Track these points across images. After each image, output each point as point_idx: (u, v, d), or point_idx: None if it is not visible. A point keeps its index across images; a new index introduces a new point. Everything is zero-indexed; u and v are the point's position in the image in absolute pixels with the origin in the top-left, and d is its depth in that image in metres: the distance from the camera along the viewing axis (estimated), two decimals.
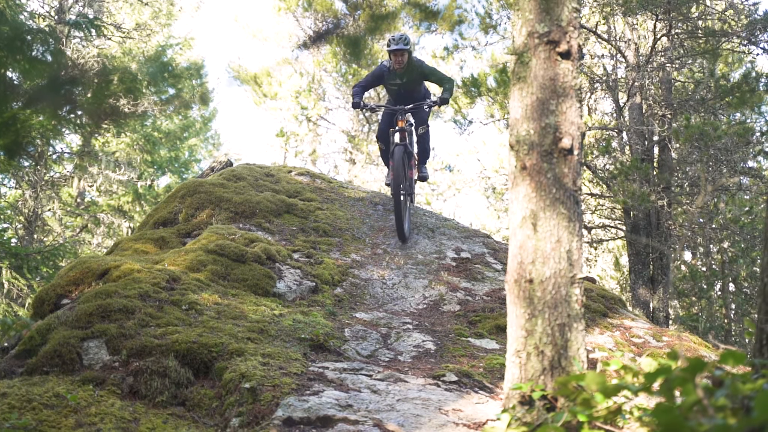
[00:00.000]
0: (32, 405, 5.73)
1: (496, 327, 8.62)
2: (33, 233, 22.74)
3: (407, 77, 11.69)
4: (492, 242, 12.70)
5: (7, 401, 5.75)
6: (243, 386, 6.12)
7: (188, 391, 6.32)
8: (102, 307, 7.19)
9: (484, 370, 7.19)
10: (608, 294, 10.55)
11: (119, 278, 8.07)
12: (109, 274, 8.25)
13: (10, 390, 5.94)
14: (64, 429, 5.54)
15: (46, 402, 5.81)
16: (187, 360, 6.59)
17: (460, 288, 10.14)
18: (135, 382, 6.28)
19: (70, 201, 26.08)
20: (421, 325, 8.74)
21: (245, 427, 5.72)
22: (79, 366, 6.53)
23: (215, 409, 6.13)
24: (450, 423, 5.65)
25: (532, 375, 4.04)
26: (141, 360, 6.50)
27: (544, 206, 4.27)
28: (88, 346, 6.72)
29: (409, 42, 11.41)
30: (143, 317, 7.18)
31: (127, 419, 5.78)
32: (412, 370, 7.10)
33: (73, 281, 8.37)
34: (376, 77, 11.85)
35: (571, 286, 4.16)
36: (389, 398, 6.10)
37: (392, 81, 11.81)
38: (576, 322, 4.13)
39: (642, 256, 16.50)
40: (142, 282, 7.89)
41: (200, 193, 11.89)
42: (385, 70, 11.76)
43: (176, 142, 30.52)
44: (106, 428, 5.59)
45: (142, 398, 6.16)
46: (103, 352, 6.68)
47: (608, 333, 8.52)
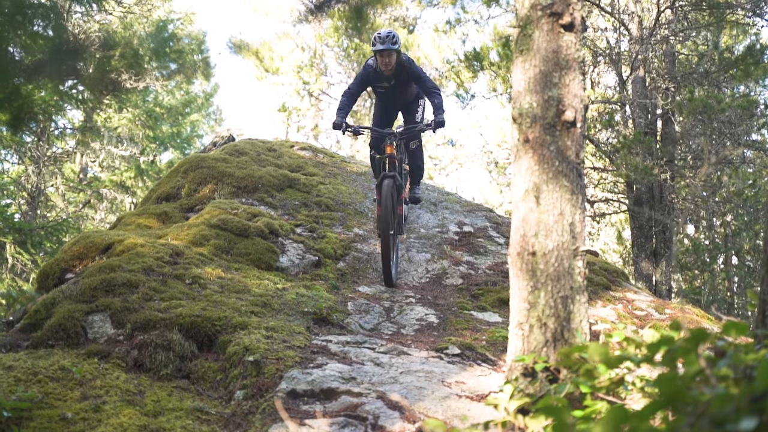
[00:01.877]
0: (38, 378, 5.77)
1: (499, 300, 8.65)
2: (36, 209, 22.76)
3: (396, 79, 10.15)
4: (494, 216, 12.71)
5: (13, 374, 5.78)
6: (247, 359, 6.15)
7: (192, 364, 6.35)
8: (106, 281, 7.21)
9: (487, 343, 7.21)
10: (611, 267, 10.57)
11: (123, 253, 8.09)
12: (113, 249, 8.27)
13: (16, 363, 5.97)
14: (70, 401, 5.58)
15: (52, 375, 5.84)
16: (191, 333, 6.62)
17: (462, 262, 10.15)
18: (139, 356, 6.31)
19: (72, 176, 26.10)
20: (424, 298, 8.76)
21: (249, 400, 5.75)
22: (83, 339, 6.56)
23: (219, 382, 6.16)
24: (453, 395, 5.68)
25: (535, 347, 4.05)
26: (145, 333, 6.53)
27: (546, 179, 4.26)
28: (93, 320, 6.75)
29: (397, 41, 9.78)
30: (147, 291, 7.20)
31: (132, 392, 5.82)
32: (415, 343, 7.12)
33: (77, 256, 8.39)
34: (362, 81, 10.17)
35: (574, 258, 4.17)
36: (392, 371, 6.12)
37: (379, 84, 10.25)
38: (579, 294, 4.14)
39: (645, 230, 16.50)
40: (146, 256, 7.90)
41: (203, 168, 11.88)
42: (371, 71, 10.13)
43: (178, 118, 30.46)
44: (111, 401, 5.62)
45: (146, 371, 6.19)
46: (108, 325, 6.70)
47: (611, 306, 8.54)
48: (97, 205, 25.44)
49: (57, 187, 24.82)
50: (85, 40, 4.49)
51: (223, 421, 5.58)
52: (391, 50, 9.66)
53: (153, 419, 5.48)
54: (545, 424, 2.87)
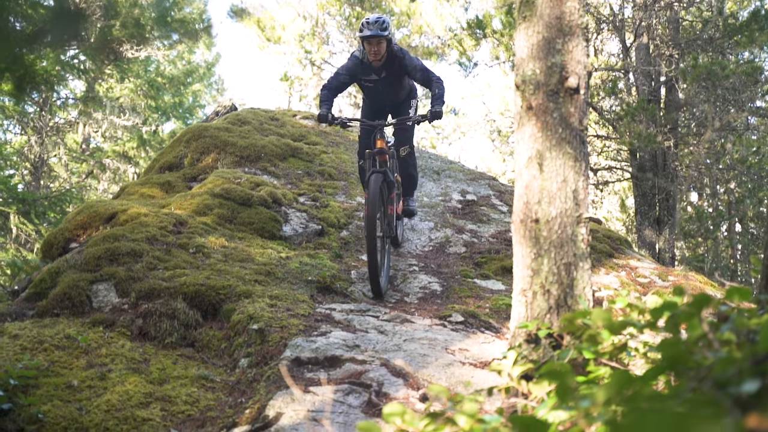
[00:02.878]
0: (44, 346, 5.80)
1: (502, 268, 8.66)
2: (39, 179, 22.77)
3: (386, 72, 8.76)
4: (497, 184, 12.70)
5: (19, 342, 5.81)
6: (251, 327, 6.17)
7: (197, 333, 6.38)
8: (110, 250, 7.22)
9: (490, 310, 7.23)
10: (614, 235, 10.57)
11: (126, 222, 8.10)
12: (117, 218, 8.28)
13: (22, 332, 6.00)
14: (76, 370, 5.61)
15: (58, 343, 5.87)
16: (196, 302, 6.65)
17: (465, 230, 10.16)
18: (144, 324, 6.34)
19: (75, 147, 26.08)
20: (427, 266, 8.78)
21: (254, 368, 5.78)
22: (88, 308, 6.59)
23: (224, 350, 6.19)
24: (456, 362, 5.70)
25: (538, 314, 4.06)
26: (150, 302, 6.55)
27: (550, 146, 4.25)
28: (98, 289, 6.77)
29: (388, 27, 8.44)
30: (151, 260, 7.22)
31: (138, 360, 5.85)
32: (418, 311, 7.14)
33: (80, 225, 8.40)
34: (347, 73, 8.70)
35: (577, 225, 4.17)
36: (396, 338, 6.15)
37: (367, 77, 8.86)
38: (582, 261, 4.14)
39: (648, 198, 16.49)
40: (150, 226, 7.92)
41: (205, 137, 11.87)
42: (358, 62, 8.73)
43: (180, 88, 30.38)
44: (116, 369, 5.66)
45: (151, 340, 6.23)
46: (112, 294, 6.73)
47: (614, 273, 8.55)
48: (100, 175, 25.45)
49: (60, 158, 24.81)
50: (87, 9, 4.47)
51: (227, 388, 5.62)
52: (381, 37, 8.36)
53: (158, 387, 5.52)
54: (548, 389, 2.88)
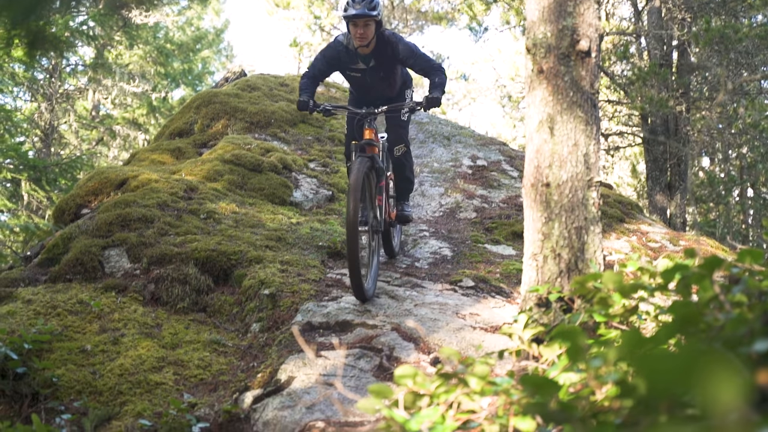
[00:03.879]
0: (57, 311, 5.84)
1: (513, 233, 8.66)
2: (50, 146, 22.80)
3: (376, 61, 7.18)
4: (508, 150, 12.66)
5: (32, 307, 5.86)
6: (262, 293, 6.20)
7: (208, 298, 6.41)
8: (121, 216, 7.25)
9: (501, 275, 7.24)
10: (625, 200, 10.55)
11: (137, 188, 8.12)
12: (128, 184, 8.30)
13: (35, 297, 6.04)
14: (89, 334, 5.66)
15: (71, 308, 5.91)
16: (207, 267, 6.67)
17: (476, 195, 10.15)
18: (156, 289, 6.38)
19: (85, 114, 26.08)
20: (438, 232, 8.78)
21: (265, 332, 5.82)
22: (101, 274, 6.62)
23: (236, 315, 6.23)
24: (467, 327, 5.72)
25: (549, 278, 4.07)
26: (161, 268, 6.58)
27: (561, 110, 4.23)
28: (109, 255, 6.80)
29: (377, 5, 6.98)
30: (162, 226, 7.24)
31: (150, 325, 5.89)
32: (429, 276, 7.16)
33: (92, 191, 8.43)
34: (330, 61, 7.22)
35: (588, 189, 4.16)
36: (407, 303, 6.17)
37: (353, 66, 7.29)
38: (593, 225, 4.14)
39: (659, 163, 16.43)
40: (160, 192, 7.94)
41: (215, 103, 11.85)
42: (342, 49, 7.20)
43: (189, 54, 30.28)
44: (129, 333, 5.70)
45: (163, 305, 6.26)
46: (124, 260, 6.76)
47: (625, 238, 8.54)
48: (110, 142, 25.47)
49: (70, 125, 24.82)
50: None
51: (240, 353, 5.65)
52: (368, 17, 6.88)
53: (171, 351, 5.56)
54: (559, 352, 2.89)
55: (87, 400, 5.00)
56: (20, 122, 19.00)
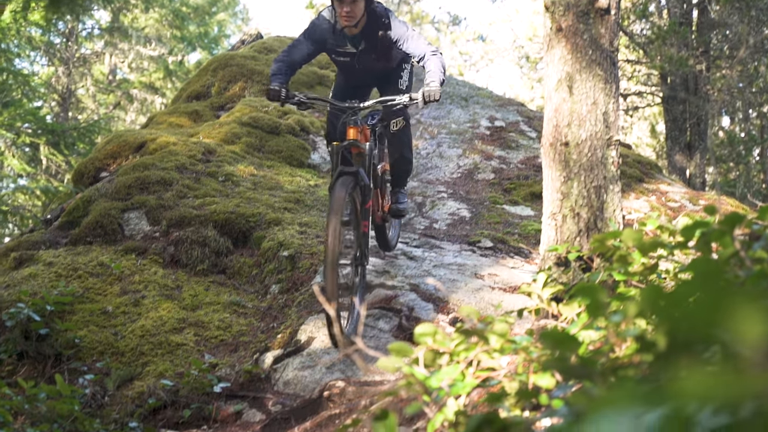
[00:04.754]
0: (78, 273, 5.89)
1: (531, 194, 8.63)
2: (67, 110, 22.86)
3: (366, 43, 5.89)
4: (526, 110, 12.58)
5: (53, 270, 5.91)
6: (281, 254, 6.22)
7: (228, 260, 6.45)
8: (140, 179, 7.28)
9: (519, 236, 7.24)
10: (644, 159, 10.49)
11: (156, 151, 8.14)
12: (146, 147, 8.33)
13: (56, 259, 6.10)
14: (110, 296, 5.71)
15: (91, 271, 5.96)
16: (226, 230, 6.70)
17: (494, 156, 10.11)
18: (176, 252, 6.41)
19: (102, 78, 26.09)
20: (456, 193, 8.77)
21: (285, 294, 5.85)
22: (120, 236, 6.66)
23: (255, 277, 6.26)
24: (486, 287, 5.74)
25: (568, 237, 4.06)
26: (181, 230, 6.61)
27: (579, 68, 4.20)
28: (129, 217, 6.84)
29: None
30: (181, 189, 7.26)
31: (170, 287, 5.93)
32: (447, 237, 7.17)
33: (110, 154, 8.46)
34: (311, 43, 5.90)
35: (608, 148, 4.14)
36: (425, 264, 6.18)
37: (340, 49, 6.00)
38: (612, 184, 4.13)
39: (679, 123, 16.29)
40: (179, 154, 7.95)
41: (232, 66, 11.82)
42: (327, 28, 5.88)
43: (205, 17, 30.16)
44: (150, 295, 5.75)
45: (183, 267, 6.30)
46: (144, 222, 6.80)
47: (644, 198, 8.51)
48: (127, 106, 25.51)
49: (87, 89, 24.86)
50: None
51: (259, 314, 5.69)
52: None
53: (191, 313, 5.61)
54: (578, 310, 2.89)
55: (109, 361, 5.06)
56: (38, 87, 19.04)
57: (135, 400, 4.73)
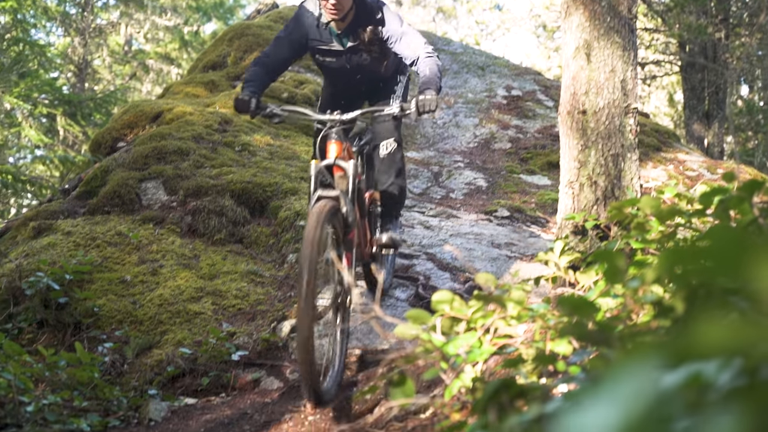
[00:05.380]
0: (96, 243, 5.93)
1: (548, 163, 8.61)
2: (84, 81, 22.89)
3: (355, 38, 5.01)
4: (543, 79, 12.52)
5: (72, 239, 5.95)
6: (298, 224, 6.24)
7: (245, 230, 6.46)
8: (157, 149, 7.29)
9: (536, 205, 7.23)
10: (662, 128, 10.43)
11: (172, 121, 8.15)
12: (162, 117, 8.34)
13: (74, 229, 6.13)
14: (128, 265, 5.74)
15: (110, 240, 5.99)
16: (243, 199, 6.71)
17: (511, 126, 10.08)
18: (193, 221, 6.43)
19: (117, 49, 26.10)
20: (473, 163, 8.76)
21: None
22: (138, 206, 6.69)
23: (272, 246, 6.28)
24: (502, 256, 5.74)
25: (585, 205, 4.05)
26: (198, 200, 6.63)
27: (597, 35, 4.17)
28: (146, 187, 6.86)
29: None
30: (198, 158, 7.28)
31: (188, 256, 5.96)
32: (463, 207, 7.16)
33: (127, 124, 8.48)
34: (295, 43, 5.07)
35: (625, 116, 4.11)
36: (442, 233, 6.19)
37: (325, 47, 5.09)
38: (630, 152, 4.10)
39: (697, 91, 16.16)
40: (195, 124, 7.96)
41: (248, 35, 11.79)
42: (311, 22, 5.02)
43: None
44: (167, 264, 5.78)
45: (200, 236, 6.33)
46: (161, 192, 6.82)
47: (661, 167, 8.47)
48: (143, 76, 25.51)
49: (103, 59, 24.89)
50: None
51: (276, 283, 5.71)
52: None
53: (209, 282, 5.63)
54: (596, 278, 2.89)
55: (128, 329, 5.11)
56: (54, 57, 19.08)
57: (154, 368, 4.77)
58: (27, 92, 15.06)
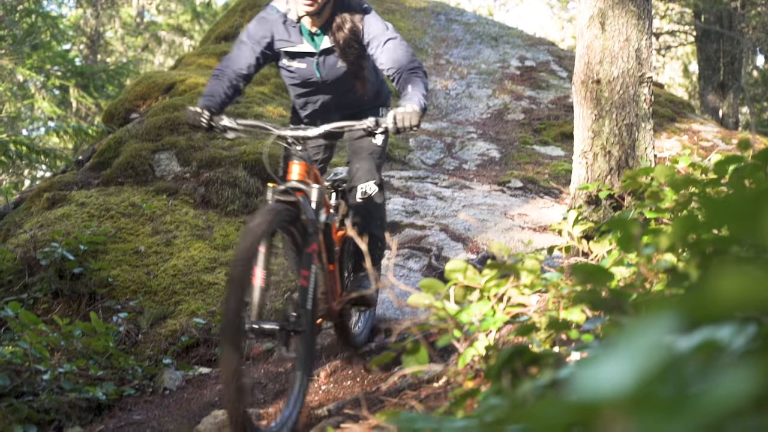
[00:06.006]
0: (110, 214, 5.95)
1: (561, 134, 8.57)
2: (96, 53, 22.88)
3: (330, 36, 4.19)
4: (557, 50, 12.44)
5: (86, 210, 5.97)
6: None
7: (258, 200, 6.47)
8: (170, 120, 7.29)
9: (549, 176, 7.20)
10: (676, 99, 10.37)
11: (185, 92, 8.15)
12: (175, 88, 8.34)
13: (88, 200, 6.15)
14: (142, 236, 5.76)
15: (123, 211, 6.02)
16: (256, 171, 6.71)
17: (524, 96, 10.03)
18: (206, 192, 6.45)
19: (130, 21, 26.06)
20: (486, 134, 8.73)
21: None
22: (151, 177, 6.71)
23: None
24: (515, 227, 5.73)
25: (599, 175, 4.04)
26: (211, 171, 6.64)
27: (612, 4, 4.14)
28: (159, 158, 6.87)
29: None
30: None
31: (201, 227, 5.98)
32: (476, 178, 7.15)
33: (140, 96, 8.48)
34: (257, 43, 4.17)
35: (640, 85, 4.09)
36: (455, 204, 6.18)
37: (293, 48, 4.20)
38: (644, 121, 4.08)
39: (712, 62, 16.03)
40: None
41: (260, 6, 11.74)
42: (277, 20, 4.19)
43: None
44: (181, 235, 5.80)
45: (213, 207, 6.34)
46: (174, 163, 6.83)
47: (676, 137, 8.43)
48: (155, 48, 25.48)
49: (115, 31, 24.85)
50: None
51: None
52: None
53: (222, 252, 5.66)
54: (609, 248, 2.89)
55: (142, 300, 5.14)
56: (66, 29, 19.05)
57: (168, 338, 4.80)
58: (39, 64, 15.08)
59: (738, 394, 0.46)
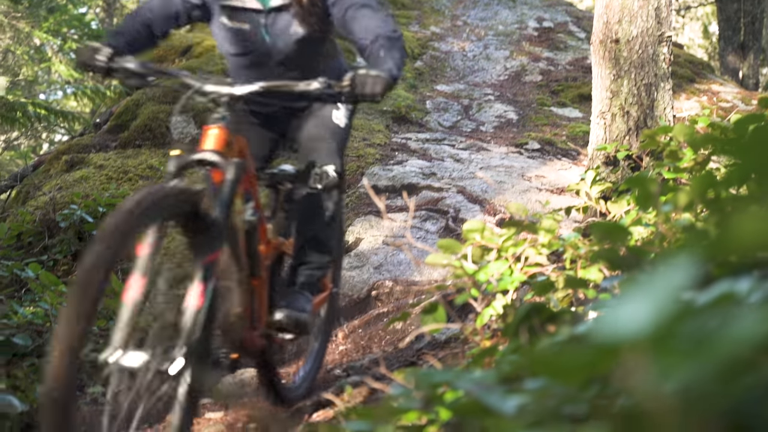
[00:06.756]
0: (128, 176, 5.98)
1: (579, 96, 8.52)
2: (112, 16, 22.86)
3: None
4: (575, 10, 12.33)
5: (104, 173, 6.00)
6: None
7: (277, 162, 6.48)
8: None
9: (567, 137, 7.17)
10: (696, 59, 10.27)
11: (201, 54, 8.14)
12: (192, 51, 8.33)
13: (106, 162, 6.18)
14: None
15: (141, 173, 6.04)
16: None
17: (542, 58, 9.96)
18: None
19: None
20: (503, 95, 8.68)
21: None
22: (169, 139, 6.72)
23: None
24: (533, 188, 5.72)
25: (617, 136, 4.02)
26: None
27: None
28: (177, 121, 6.88)
29: None
30: None
31: None
32: (494, 140, 7.13)
33: (157, 58, 8.47)
34: None
35: (659, 44, 4.06)
36: (472, 166, 6.17)
37: (237, 2, 3.17)
38: (663, 81, 4.06)
39: (732, 22, 15.84)
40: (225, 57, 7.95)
41: None
42: None
43: None
44: None
45: None
46: (191, 126, 6.83)
47: (695, 98, 8.36)
48: None
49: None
50: None
51: None
52: None
53: None
54: (627, 208, 2.88)
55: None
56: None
57: None
58: (56, 27, 15.06)
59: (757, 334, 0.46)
